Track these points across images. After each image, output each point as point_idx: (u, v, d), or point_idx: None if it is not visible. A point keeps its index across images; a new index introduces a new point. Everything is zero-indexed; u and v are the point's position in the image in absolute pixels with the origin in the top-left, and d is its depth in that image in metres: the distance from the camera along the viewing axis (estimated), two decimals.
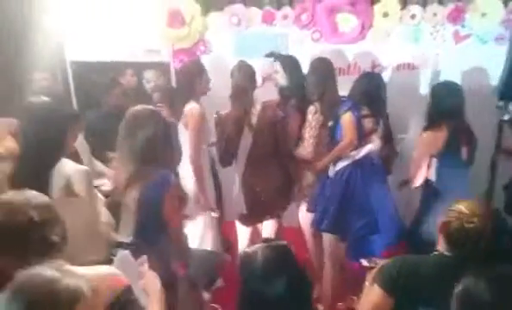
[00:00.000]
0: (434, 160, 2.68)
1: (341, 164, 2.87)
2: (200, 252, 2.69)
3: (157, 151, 2.01)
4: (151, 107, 2.22)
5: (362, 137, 2.84)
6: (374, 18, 3.56)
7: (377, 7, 3.55)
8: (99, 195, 2.37)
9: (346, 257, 2.98)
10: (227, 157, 2.96)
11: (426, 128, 2.74)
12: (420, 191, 2.82)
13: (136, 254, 1.93)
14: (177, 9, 3.73)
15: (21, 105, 2.34)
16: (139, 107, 2.11)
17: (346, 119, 2.81)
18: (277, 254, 1.51)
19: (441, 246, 1.70)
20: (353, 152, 2.85)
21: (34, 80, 3.63)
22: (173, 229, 2.07)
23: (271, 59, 3.37)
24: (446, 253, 1.68)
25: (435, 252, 1.72)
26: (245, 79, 2.95)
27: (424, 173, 2.71)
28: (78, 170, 2.00)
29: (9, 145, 2.68)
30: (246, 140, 2.87)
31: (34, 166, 1.95)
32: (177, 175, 2.38)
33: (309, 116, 2.94)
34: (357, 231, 2.83)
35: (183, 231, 2.20)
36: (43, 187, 1.87)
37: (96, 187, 2.99)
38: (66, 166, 1.99)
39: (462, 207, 1.66)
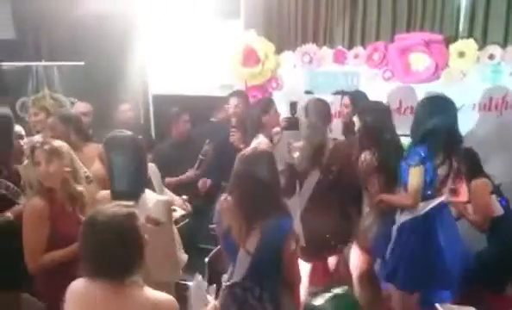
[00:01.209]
0: (494, 197, 2.99)
1: (407, 217, 2.62)
2: None
3: (272, 192, 2.03)
4: (262, 148, 2.26)
5: (435, 189, 2.56)
6: (449, 58, 3.50)
7: (452, 47, 3.49)
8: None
9: (419, 306, 2.81)
10: (290, 187, 2.99)
11: (474, 177, 2.97)
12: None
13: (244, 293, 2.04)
14: (252, 48, 3.93)
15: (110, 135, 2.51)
16: (249, 150, 2.14)
17: (416, 174, 2.48)
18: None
19: None
20: (421, 204, 2.56)
21: (119, 111, 4.00)
22: (290, 269, 2.11)
23: (340, 97, 3.45)
24: None
25: None
26: (320, 117, 2.95)
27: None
28: (160, 200, 2.14)
29: (97, 168, 2.95)
30: (314, 175, 2.89)
31: (125, 196, 2.07)
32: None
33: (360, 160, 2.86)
34: (432, 286, 2.64)
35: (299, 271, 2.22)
36: None
37: None
38: (150, 196, 2.13)
39: None
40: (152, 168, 3.09)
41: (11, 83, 4.69)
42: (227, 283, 2.12)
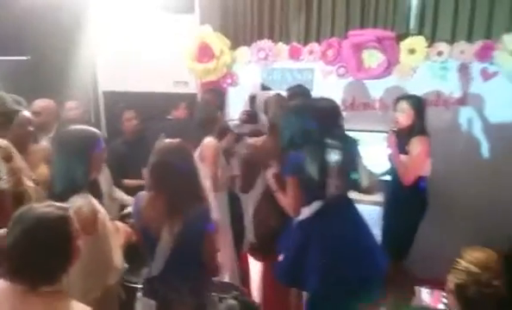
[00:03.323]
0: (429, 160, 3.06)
1: (297, 219, 2.52)
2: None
3: (192, 182, 2.00)
4: (178, 140, 2.18)
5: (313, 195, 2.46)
6: (400, 54, 3.58)
7: (403, 44, 3.57)
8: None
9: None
10: (247, 183, 2.95)
11: (415, 136, 3.00)
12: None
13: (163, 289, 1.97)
14: (207, 43, 3.85)
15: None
16: (163, 142, 2.09)
17: (289, 184, 2.43)
18: None
19: (455, 307, 1.63)
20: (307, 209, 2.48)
21: (66, 109, 3.80)
22: (211, 261, 2.08)
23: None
24: None
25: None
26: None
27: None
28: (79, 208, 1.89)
29: (43, 171, 2.79)
30: (269, 172, 2.85)
31: (59, 197, 1.90)
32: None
33: None
34: (312, 287, 2.47)
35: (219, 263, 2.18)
36: None
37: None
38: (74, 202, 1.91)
39: (471, 266, 1.57)
40: None
41: None
42: (146, 278, 2.06)
